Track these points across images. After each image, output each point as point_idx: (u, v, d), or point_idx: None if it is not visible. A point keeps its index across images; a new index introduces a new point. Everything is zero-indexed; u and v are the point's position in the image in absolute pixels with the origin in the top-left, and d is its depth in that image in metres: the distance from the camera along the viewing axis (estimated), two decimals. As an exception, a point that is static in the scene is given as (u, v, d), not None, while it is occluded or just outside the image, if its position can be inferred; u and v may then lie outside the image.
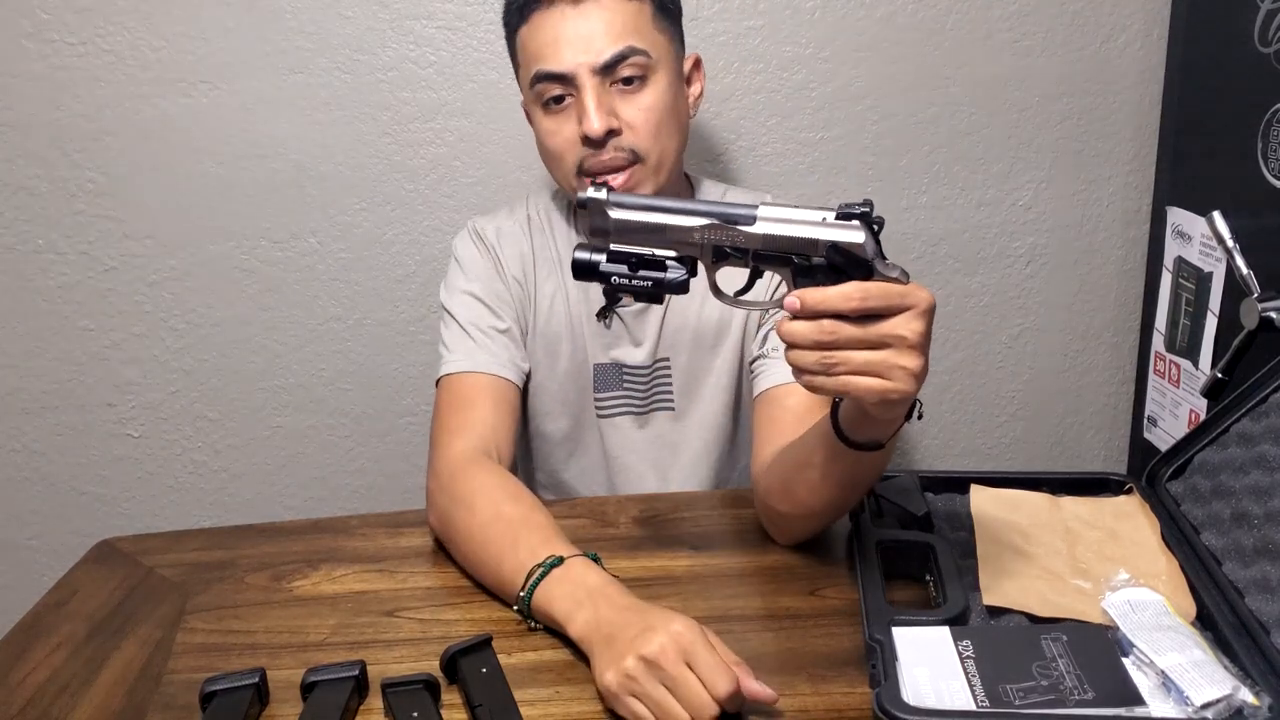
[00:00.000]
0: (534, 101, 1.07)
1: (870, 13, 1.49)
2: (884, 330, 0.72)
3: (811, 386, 0.75)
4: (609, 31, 1.02)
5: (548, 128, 1.07)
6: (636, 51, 1.03)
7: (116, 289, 1.52)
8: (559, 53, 1.02)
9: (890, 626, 0.76)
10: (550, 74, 1.03)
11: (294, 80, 1.45)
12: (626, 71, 1.03)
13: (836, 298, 0.72)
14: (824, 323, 0.72)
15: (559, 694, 0.78)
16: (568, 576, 0.84)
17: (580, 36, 1.02)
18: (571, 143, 1.05)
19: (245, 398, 1.59)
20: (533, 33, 1.04)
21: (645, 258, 0.77)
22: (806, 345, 0.73)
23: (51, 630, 0.90)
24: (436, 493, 1.00)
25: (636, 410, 1.19)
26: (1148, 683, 0.71)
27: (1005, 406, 1.71)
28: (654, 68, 1.05)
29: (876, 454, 0.84)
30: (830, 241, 0.74)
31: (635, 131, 1.04)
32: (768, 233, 0.76)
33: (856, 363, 0.73)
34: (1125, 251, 1.64)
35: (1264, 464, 0.86)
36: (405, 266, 1.54)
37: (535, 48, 1.04)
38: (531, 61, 1.05)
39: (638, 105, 1.04)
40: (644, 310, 1.16)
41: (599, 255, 0.77)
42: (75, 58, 1.42)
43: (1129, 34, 1.53)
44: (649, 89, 1.05)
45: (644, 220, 0.77)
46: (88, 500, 1.62)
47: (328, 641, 0.86)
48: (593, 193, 0.77)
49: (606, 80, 1.03)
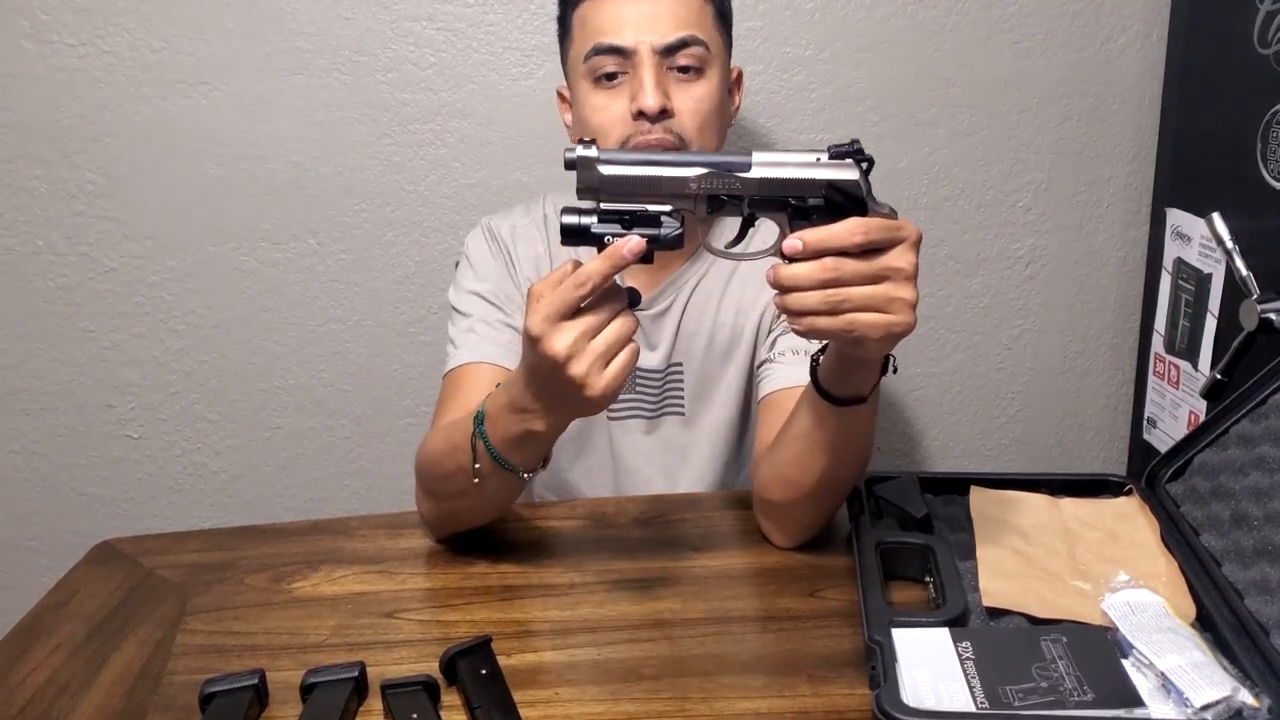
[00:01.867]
0: (585, 76, 1.07)
1: (870, 14, 1.49)
2: (883, 264, 0.74)
3: (815, 329, 0.75)
4: (674, 16, 1.04)
5: (596, 103, 1.07)
6: (698, 41, 1.05)
7: (116, 290, 1.52)
8: (622, 28, 1.03)
9: (890, 628, 0.76)
10: (611, 47, 1.04)
11: (294, 81, 1.45)
12: (685, 59, 1.04)
13: (842, 233, 0.73)
14: (826, 260, 0.73)
15: (558, 695, 0.78)
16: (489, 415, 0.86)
17: (646, 17, 1.03)
18: (619, 119, 1.05)
19: (245, 399, 1.59)
20: (597, 9, 1.05)
21: (638, 214, 0.76)
22: (810, 285, 0.74)
23: (51, 631, 0.90)
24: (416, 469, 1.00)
25: (647, 414, 1.19)
26: (1147, 684, 0.71)
27: (1005, 408, 1.71)
28: (710, 63, 1.06)
29: (861, 411, 0.86)
30: (827, 180, 0.75)
31: (684, 119, 1.05)
32: (764, 176, 0.76)
33: (859, 299, 0.74)
34: (1125, 253, 1.64)
35: (1263, 465, 0.86)
36: (405, 268, 1.54)
37: (598, 22, 1.05)
38: (591, 36, 1.05)
39: (691, 95, 1.05)
40: (661, 314, 1.16)
41: (589, 218, 0.75)
42: (75, 59, 1.42)
43: (1128, 35, 1.53)
44: (703, 82, 1.06)
45: (638, 174, 0.76)
46: (87, 501, 1.62)
47: (327, 643, 0.86)
48: (581, 150, 0.75)
49: (664, 63, 1.04)
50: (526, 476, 0.89)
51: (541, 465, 0.90)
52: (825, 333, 0.76)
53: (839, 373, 0.85)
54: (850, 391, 0.85)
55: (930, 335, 1.66)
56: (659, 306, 1.16)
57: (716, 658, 0.81)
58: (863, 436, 0.91)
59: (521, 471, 0.88)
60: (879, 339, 0.75)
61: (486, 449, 0.87)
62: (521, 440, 0.85)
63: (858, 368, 0.83)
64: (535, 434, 0.84)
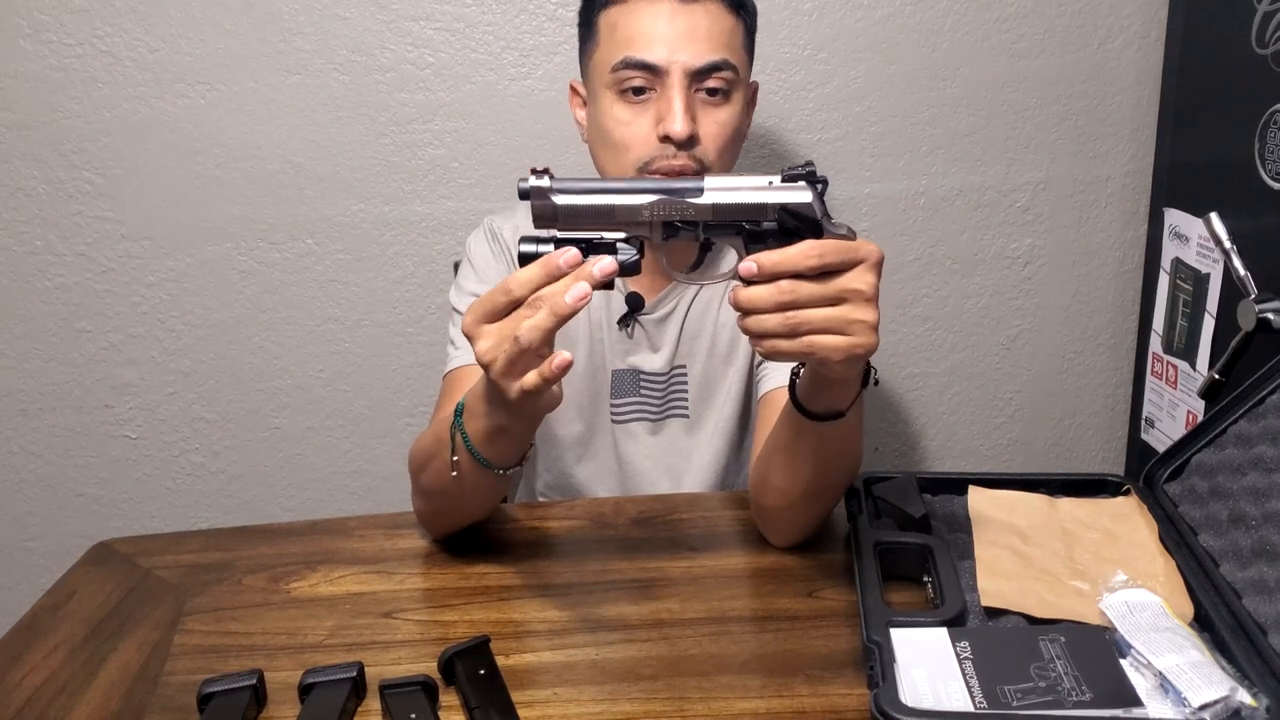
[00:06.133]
0: (610, 86, 1.05)
1: (868, 14, 1.49)
2: (840, 285, 0.73)
3: (776, 351, 0.75)
4: (710, 38, 1.02)
5: (620, 116, 1.05)
6: (729, 66, 1.03)
7: (114, 290, 1.52)
8: (655, 44, 1.01)
9: (888, 628, 0.76)
10: (642, 63, 1.02)
11: (292, 81, 1.45)
12: (714, 82, 1.03)
13: (795, 256, 0.73)
14: (782, 284, 0.73)
15: (556, 695, 0.77)
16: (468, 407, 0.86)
17: (682, 35, 1.01)
18: (644, 138, 1.04)
19: (243, 399, 1.59)
20: (629, 16, 1.03)
21: (594, 242, 0.76)
22: (768, 308, 0.74)
23: (49, 632, 0.90)
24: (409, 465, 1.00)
25: (651, 417, 1.19)
26: (1145, 684, 0.71)
27: (1003, 408, 1.71)
28: (736, 86, 1.05)
29: (841, 425, 0.85)
30: (779, 203, 0.75)
31: (708, 144, 1.04)
32: (717, 202, 0.76)
33: (817, 321, 0.73)
34: (1123, 253, 1.64)
35: (1261, 465, 0.86)
36: (403, 267, 1.54)
37: (630, 32, 1.03)
38: (620, 46, 1.03)
39: (716, 119, 1.04)
40: (664, 318, 1.16)
41: (546, 246, 0.76)
42: (73, 59, 1.42)
43: (1127, 35, 1.53)
44: (729, 105, 1.05)
45: (591, 204, 0.76)
46: (85, 502, 1.62)
47: (325, 643, 0.86)
48: (534, 181, 0.75)
49: (694, 86, 1.03)
50: (503, 473, 0.89)
51: (518, 463, 0.90)
52: (786, 354, 0.75)
53: (813, 390, 0.84)
54: (827, 407, 0.84)
55: (928, 335, 1.66)
56: (662, 311, 1.16)
57: (715, 658, 0.81)
58: (848, 445, 0.90)
59: (497, 468, 0.88)
60: (840, 360, 0.75)
61: (464, 443, 0.87)
62: (494, 435, 0.85)
63: (829, 386, 0.83)
64: (505, 429, 0.84)
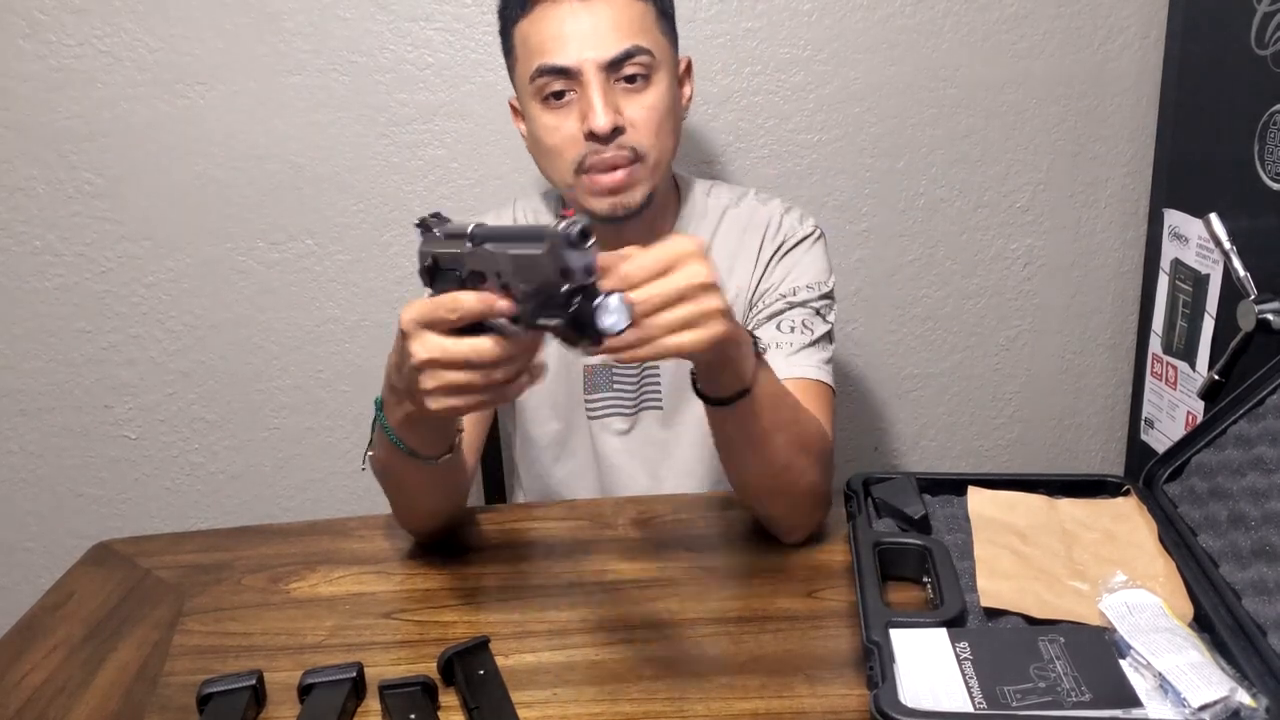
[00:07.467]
0: (533, 96, 1.06)
1: (868, 15, 1.49)
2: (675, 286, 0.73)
3: (637, 357, 0.74)
4: (616, 28, 1.02)
5: (547, 123, 1.05)
6: (642, 50, 1.03)
7: (113, 290, 1.52)
8: (565, 47, 1.01)
9: (888, 628, 0.76)
10: (555, 68, 1.02)
11: (291, 82, 1.45)
12: (631, 70, 1.03)
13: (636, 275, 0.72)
14: None
15: (556, 695, 0.78)
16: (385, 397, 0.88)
17: (587, 32, 1.01)
18: (572, 140, 1.04)
19: (242, 399, 1.59)
20: (536, 26, 1.03)
21: None
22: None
23: (48, 632, 0.90)
24: None
25: (626, 411, 1.19)
26: (1145, 684, 0.71)
27: (1003, 408, 1.71)
28: (656, 68, 1.05)
29: (760, 399, 0.87)
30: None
31: (638, 130, 1.04)
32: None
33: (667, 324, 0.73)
34: (1122, 254, 1.64)
35: (1261, 466, 0.86)
36: (402, 268, 1.54)
37: (538, 41, 1.03)
38: (534, 55, 1.03)
39: (641, 104, 1.04)
40: None
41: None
42: (72, 59, 1.42)
43: (1126, 36, 1.53)
44: (652, 88, 1.05)
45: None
46: (85, 502, 1.62)
47: (325, 643, 0.86)
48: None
49: (611, 77, 1.03)
50: (435, 461, 0.89)
51: (448, 451, 0.90)
52: (648, 358, 0.75)
53: (706, 377, 0.85)
54: (728, 390, 0.85)
55: (928, 336, 1.66)
56: None
57: (714, 658, 0.81)
58: (781, 416, 0.91)
59: (425, 457, 0.88)
60: (704, 350, 0.76)
61: (385, 431, 0.87)
62: (410, 422, 0.85)
63: (715, 370, 0.84)
64: (421, 418, 0.83)
